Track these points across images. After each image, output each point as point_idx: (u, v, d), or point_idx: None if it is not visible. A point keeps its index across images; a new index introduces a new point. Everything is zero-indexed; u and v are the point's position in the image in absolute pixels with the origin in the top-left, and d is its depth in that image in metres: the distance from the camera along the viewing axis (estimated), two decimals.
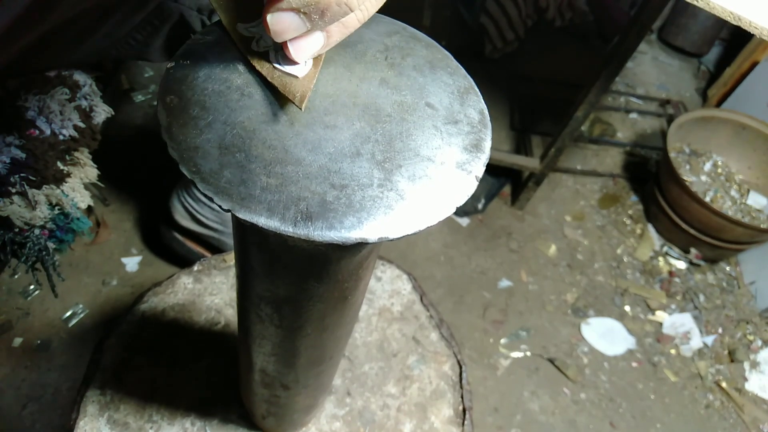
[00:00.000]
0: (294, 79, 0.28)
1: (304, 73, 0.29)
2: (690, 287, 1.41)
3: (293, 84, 0.28)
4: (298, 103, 0.28)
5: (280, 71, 0.29)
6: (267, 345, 0.43)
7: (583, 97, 1.14)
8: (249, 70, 0.29)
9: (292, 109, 0.28)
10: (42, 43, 0.53)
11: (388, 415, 0.67)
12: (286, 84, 0.28)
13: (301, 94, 0.28)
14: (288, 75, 0.28)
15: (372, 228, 0.25)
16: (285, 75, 0.28)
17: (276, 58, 0.29)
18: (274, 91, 0.28)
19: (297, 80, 0.28)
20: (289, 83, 0.28)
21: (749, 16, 0.61)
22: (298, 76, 0.29)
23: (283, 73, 0.28)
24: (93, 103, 0.81)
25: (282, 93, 0.28)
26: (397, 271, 0.81)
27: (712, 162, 1.56)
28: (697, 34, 2.05)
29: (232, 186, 0.24)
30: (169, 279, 0.73)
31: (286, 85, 0.28)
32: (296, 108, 0.28)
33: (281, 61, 0.29)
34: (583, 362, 1.21)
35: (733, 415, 1.20)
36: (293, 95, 0.28)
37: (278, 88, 0.28)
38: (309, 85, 0.28)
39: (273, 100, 0.28)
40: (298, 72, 0.29)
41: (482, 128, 0.31)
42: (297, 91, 0.28)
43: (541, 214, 1.48)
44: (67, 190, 0.75)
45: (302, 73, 0.29)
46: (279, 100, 0.28)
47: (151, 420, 0.62)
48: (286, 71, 0.28)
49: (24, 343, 0.99)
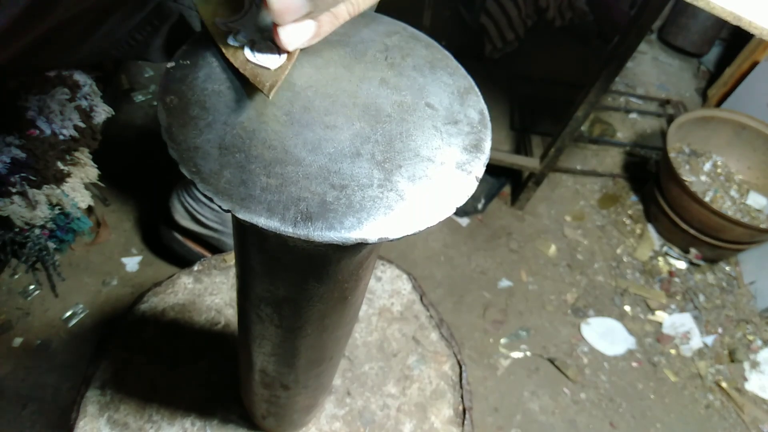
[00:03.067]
0: (265, 71, 0.29)
1: (276, 65, 0.29)
2: (690, 287, 1.41)
3: (264, 74, 0.29)
4: (267, 92, 0.28)
5: (253, 63, 0.29)
6: (267, 345, 0.43)
7: (583, 97, 1.14)
8: (222, 63, 0.30)
9: (284, 106, 0.28)
10: (41, 43, 0.53)
11: (388, 415, 0.67)
12: (257, 74, 0.28)
13: (271, 84, 0.28)
14: (260, 67, 0.29)
15: (372, 228, 0.25)
16: (257, 66, 0.29)
17: (252, 53, 0.30)
18: (245, 82, 0.29)
19: (268, 71, 0.29)
20: (260, 74, 0.29)
21: (749, 16, 0.61)
22: (270, 68, 0.29)
23: (256, 65, 0.29)
24: (93, 103, 0.81)
25: (252, 83, 0.28)
26: (397, 271, 0.81)
27: (712, 162, 1.56)
28: (697, 34, 2.05)
29: (232, 186, 0.24)
30: (169, 279, 0.73)
31: (257, 76, 0.28)
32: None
33: (256, 55, 0.29)
34: (583, 362, 1.21)
35: (733, 415, 1.20)
36: (263, 84, 0.28)
37: (249, 78, 0.28)
38: (280, 75, 0.29)
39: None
40: (270, 65, 0.29)
41: (482, 128, 0.31)
42: (267, 80, 0.28)
43: (541, 214, 1.48)
44: (67, 190, 0.75)
45: (274, 66, 0.29)
46: (248, 90, 0.29)
47: (151, 420, 0.62)
48: (259, 63, 0.29)
49: (24, 343, 0.99)
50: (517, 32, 1.72)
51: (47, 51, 0.57)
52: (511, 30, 1.70)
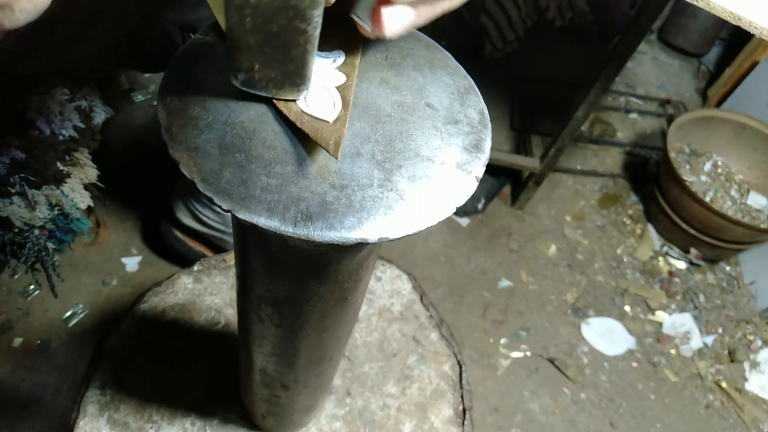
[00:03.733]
0: (325, 125, 0.26)
1: (334, 116, 0.27)
2: (690, 287, 1.41)
3: (324, 130, 0.26)
4: (333, 151, 0.25)
5: (309, 116, 0.27)
6: (267, 345, 0.43)
7: (583, 97, 1.14)
8: (275, 116, 0.27)
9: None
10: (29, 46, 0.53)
11: (388, 415, 0.67)
12: (317, 129, 0.26)
13: (335, 142, 0.25)
14: (318, 120, 0.26)
15: (372, 228, 0.25)
16: (315, 120, 0.26)
17: (305, 102, 0.27)
18: (304, 137, 0.26)
19: (328, 125, 0.26)
20: (320, 128, 0.26)
21: (749, 16, 0.61)
22: (329, 120, 0.26)
23: (312, 118, 0.26)
24: (93, 104, 0.81)
25: (313, 140, 0.26)
26: (397, 271, 0.81)
27: (712, 162, 1.55)
28: (697, 34, 2.05)
29: (232, 186, 0.24)
30: (169, 279, 0.73)
31: (318, 131, 0.26)
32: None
33: (309, 105, 0.27)
34: (583, 362, 1.21)
35: (733, 415, 1.20)
36: (326, 143, 0.25)
37: (309, 135, 0.26)
38: (341, 130, 0.26)
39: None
40: (327, 116, 0.27)
41: (482, 128, 0.31)
42: (330, 137, 0.26)
43: (541, 214, 1.48)
44: (66, 190, 0.75)
45: (332, 117, 0.27)
46: (308, 146, 0.26)
47: (151, 420, 0.62)
48: (316, 116, 0.27)
49: (24, 343, 0.99)
50: (517, 32, 1.72)
51: (36, 55, 0.57)
52: (511, 30, 1.70)
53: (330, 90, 0.28)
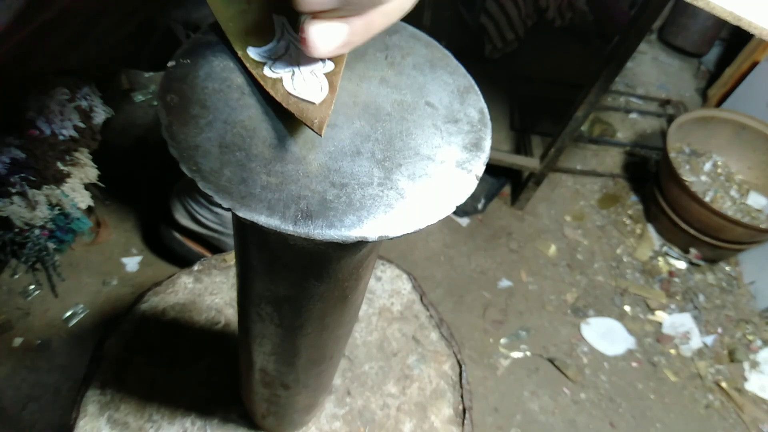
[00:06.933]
0: (310, 105, 0.27)
1: (320, 99, 0.27)
2: (690, 287, 1.41)
3: (310, 110, 0.27)
4: (317, 129, 0.26)
5: (296, 98, 0.27)
6: (267, 344, 0.43)
7: (583, 97, 1.14)
8: (263, 97, 0.28)
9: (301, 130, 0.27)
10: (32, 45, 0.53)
11: (388, 414, 0.67)
12: (303, 110, 0.27)
13: (320, 120, 0.26)
14: (304, 101, 0.27)
15: (372, 226, 0.25)
16: (301, 101, 0.27)
17: (292, 84, 0.28)
18: (290, 117, 0.27)
19: (314, 106, 0.27)
20: (306, 109, 0.27)
21: (749, 16, 0.61)
22: (315, 102, 0.27)
23: (299, 99, 0.27)
24: (93, 103, 0.81)
25: (299, 119, 0.27)
26: (397, 271, 0.81)
27: (712, 162, 1.56)
28: (697, 34, 2.05)
29: (232, 184, 0.24)
30: (169, 279, 0.73)
31: (303, 111, 0.27)
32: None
33: (297, 87, 0.28)
34: (583, 362, 1.21)
35: (733, 415, 1.20)
36: (311, 121, 0.26)
37: (295, 114, 0.27)
38: (327, 111, 0.27)
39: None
40: (314, 98, 0.27)
41: (482, 127, 0.31)
42: (315, 117, 0.27)
43: (541, 214, 1.48)
44: (67, 190, 0.75)
45: (319, 99, 0.27)
46: (293, 126, 0.27)
47: (151, 419, 0.62)
48: (303, 98, 0.27)
49: (24, 343, 0.99)
50: (517, 32, 1.72)
51: (39, 54, 0.57)
52: (511, 30, 1.70)
53: (318, 76, 0.29)
